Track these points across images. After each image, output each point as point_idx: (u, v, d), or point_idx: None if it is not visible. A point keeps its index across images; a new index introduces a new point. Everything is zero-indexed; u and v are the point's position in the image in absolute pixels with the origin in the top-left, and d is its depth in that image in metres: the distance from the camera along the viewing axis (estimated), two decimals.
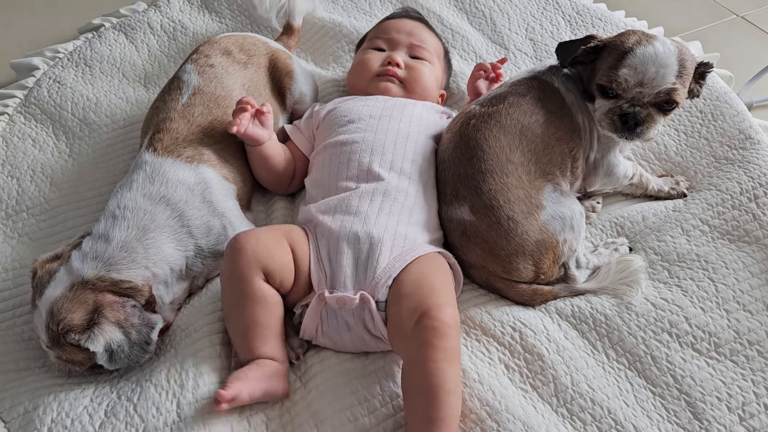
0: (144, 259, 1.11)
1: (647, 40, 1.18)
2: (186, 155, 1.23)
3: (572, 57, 1.24)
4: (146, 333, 1.08)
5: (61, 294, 1.06)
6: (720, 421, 1.03)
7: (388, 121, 1.30)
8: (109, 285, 1.08)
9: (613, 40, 1.22)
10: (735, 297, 1.17)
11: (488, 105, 1.25)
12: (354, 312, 1.08)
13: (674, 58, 1.17)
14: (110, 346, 1.05)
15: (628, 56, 1.17)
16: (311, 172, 1.31)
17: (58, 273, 1.08)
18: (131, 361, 1.08)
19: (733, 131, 1.45)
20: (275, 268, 1.08)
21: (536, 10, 1.84)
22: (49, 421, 1.02)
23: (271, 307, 1.08)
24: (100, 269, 1.08)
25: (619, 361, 1.11)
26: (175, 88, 1.34)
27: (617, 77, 1.18)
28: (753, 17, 2.04)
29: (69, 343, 1.04)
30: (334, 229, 1.13)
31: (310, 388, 1.08)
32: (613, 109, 1.22)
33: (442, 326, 0.99)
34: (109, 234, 1.12)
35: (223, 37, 1.49)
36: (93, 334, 1.04)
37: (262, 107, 1.28)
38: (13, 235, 1.34)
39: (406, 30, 1.50)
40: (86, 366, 1.08)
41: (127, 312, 1.07)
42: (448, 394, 0.97)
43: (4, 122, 1.57)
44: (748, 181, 1.34)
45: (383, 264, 1.10)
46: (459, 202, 1.19)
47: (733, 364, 1.10)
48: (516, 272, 1.17)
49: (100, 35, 1.80)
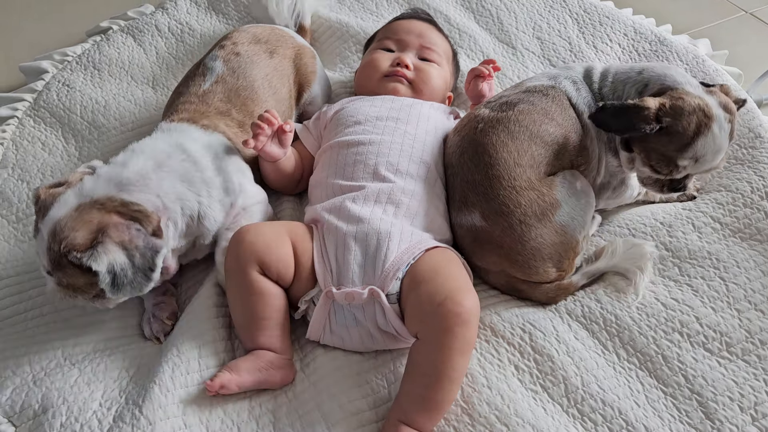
0: (157, 188, 1.11)
1: (706, 125, 1.12)
2: (202, 123, 1.26)
3: (628, 133, 1.16)
4: (150, 258, 1.06)
5: (65, 214, 1.05)
6: (732, 421, 1.03)
7: (395, 122, 1.30)
8: (118, 206, 1.07)
9: (673, 123, 1.12)
10: (746, 296, 1.16)
11: (498, 110, 1.23)
12: (364, 307, 1.08)
13: (727, 138, 1.15)
14: (113, 268, 1.03)
15: (689, 148, 1.12)
16: (316, 172, 1.32)
17: (64, 195, 1.07)
18: (134, 288, 1.05)
19: (742, 130, 1.44)
20: (271, 261, 1.10)
21: (543, 9, 1.83)
22: (59, 425, 1.03)
23: (269, 298, 1.10)
24: (111, 189, 1.08)
25: (630, 361, 1.10)
26: (200, 74, 1.37)
27: (677, 167, 1.15)
28: (762, 14, 2.03)
29: (71, 263, 1.02)
30: (341, 227, 1.14)
31: (321, 389, 1.08)
32: (662, 180, 1.20)
33: (465, 312, 1.00)
34: (127, 162, 1.13)
35: (253, 26, 1.52)
36: (96, 252, 1.02)
37: (285, 125, 1.26)
38: (24, 239, 1.35)
39: (416, 31, 1.50)
40: (89, 294, 1.06)
41: (131, 234, 1.05)
42: (451, 383, 1.00)
43: (14, 126, 1.58)
44: (758, 180, 1.33)
45: (391, 257, 1.10)
46: (468, 209, 1.18)
47: (745, 363, 1.09)
48: (537, 275, 1.17)
49: (108, 38, 1.81)
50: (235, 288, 1.12)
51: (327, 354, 1.13)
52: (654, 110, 1.12)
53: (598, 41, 1.73)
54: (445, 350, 0.99)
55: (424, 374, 1.00)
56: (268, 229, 1.14)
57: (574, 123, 1.23)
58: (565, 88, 1.26)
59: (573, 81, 1.27)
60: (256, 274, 1.09)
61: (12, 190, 1.43)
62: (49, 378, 1.10)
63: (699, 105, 1.12)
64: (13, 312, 1.22)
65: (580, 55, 1.70)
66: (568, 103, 1.25)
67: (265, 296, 1.10)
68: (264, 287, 1.10)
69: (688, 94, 1.14)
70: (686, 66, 1.62)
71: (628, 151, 1.22)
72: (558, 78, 1.28)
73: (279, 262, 1.11)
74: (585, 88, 1.27)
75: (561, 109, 1.23)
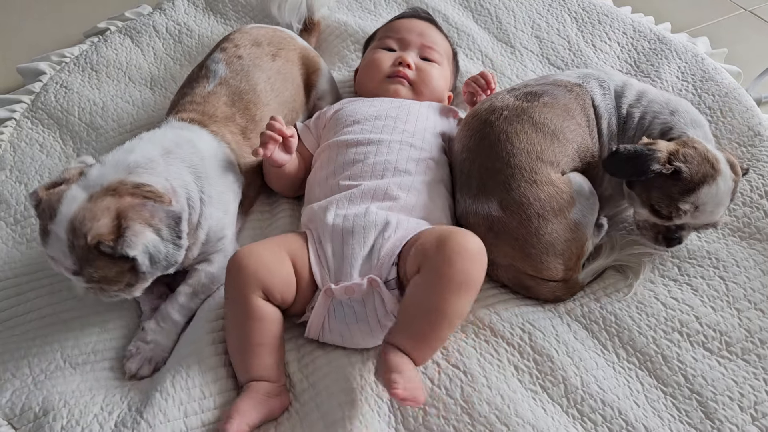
0: (165, 171, 1.11)
1: (713, 176, 1.12)
2: (212, 129, 1.26)
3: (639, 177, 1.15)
4: (175, 227, 1.05)
5: (79, 207, 1.02)
6: (732, 421, 1.03)
7: (393, 121, 1.30)
8: (130, 188, 1.05)
9: (682, 168, 1.12)
10: (746, 295, 1.17)
11: (523, 99, 1.22)
12: (364, 300, 1.08)
13: (729, 195, 1.15)
14: (147, 248, 1.01)
15: (692, 193, 1.13)
16: (314, 171, 1.31)
17: (70, 191, 1.04)
18: (168, 262, 1.04)
19: (742, 128, 1.44)
20: (275, 284, 1.08)
21: (542, 8, 1.83)
22: (59, 428, 1.02)
23: (268, 324, 1.08)
24: (120, 173, 1.07)
25: (630, 361, 1.10)
26: (203, 77, 1.36)
27: (678, 210, 1.14)
28: (761, 12, 2.02)
29: (103, 253, 1.00)
30: (337, 224, 1.14)
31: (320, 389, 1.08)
32: (658, 226, 1.19)
33: (471, 248, 1.00)
34: (134, 148, 1.13)
35: (254, 27, 1.51)
36: (127, 238, 1.00)
37: (288, 131, 1.25)
38: (22, 241, 1.34)
39: (417, 31, 1.50)
40: (121, 284, 1.05)
41: (150, 210, 1.03)
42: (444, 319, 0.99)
43: (12, 127, 1.58)
44: (758, 179, 1.33)
45: (387, 245, 1.10)
46: (487, 197, 1.18)
47: (745, 363, 1.09)
48: (546, 271, 1.17)
49: (106, 39, 1.80)
50: (233, 315, 1.09)
51: (326, 354, 1.13)
52: (666, 154, 1.13)
53: (597, 40, 1.73)
54: (444, 281, 0.98)
55: (418, 305, 0.99)
56: (265, 250, 1.11)
57: (591, 125, 1.24)
58: (592, 89, 1.26)
59: (601, 85, 1.27)
60: (258, 300, 1.07)
61: (10, 192, 1.43)
62: (50, 381, 1.10)
63: (709, 157, 1.13)
64: (11, 314, 1.22)
65: (579, 54, 1.70)
66: (591, 104, 1.25)
67: (264, 322, 1.07)
68: (265, 313, 1.07)
69: (700, 143, 1.16)
70: (685, 64, 1.62)
71: (630, 188, 1.22)
72: (588, 77, 1.28)
73: (282, 285, 1.09)
74: (611, 96, 1.27)
75: (582, 108, 1.24)
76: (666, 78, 1.59)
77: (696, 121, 1.23)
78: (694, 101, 1.52)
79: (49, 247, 1.03)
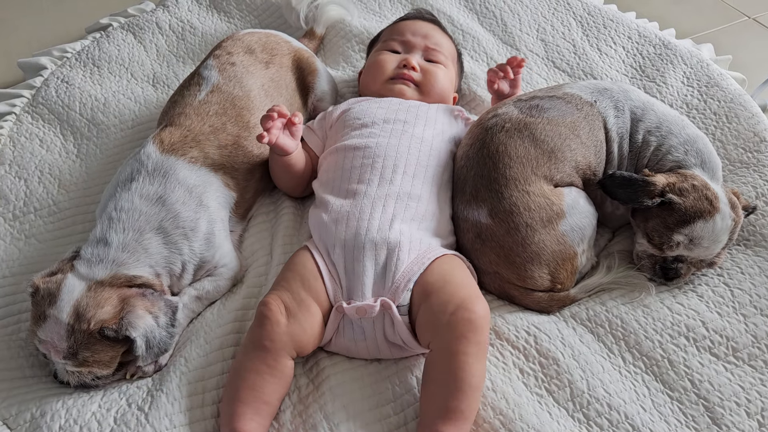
0: (146, 258, 1.12)
1: (710, 212, 1.14)
2: (191, 155, 1.22)
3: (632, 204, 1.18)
4: (171, 315, 1.09)
5: (81, 295, 1.05)
6: (739, 427, 1.02)
7: (402, 125, 1.28)
8: (125, 281, 1.09)
9: (681, 201, 1.15)
10: (752, 301, 1.16)
11: (527, 113, 1.22)
12: (374, 320, 1.07)
13: (727, 233, 1.16)
14: (145, 332, 1.05)
15: (686, 225, 1.14)
16: (321, 174, 1.30)
17: (67, 280, 1.07)
18: (160, 349, 1.07)
19: (747, 134, 1.44)
20: (309, 342, 1.06)
21: (547, 11, 1.83)
22: (57, 428, 1.01)
23: (284, 382, 1.04)
24: (110, 269, 1.09)
25: (636, 365, 1.10)
26: (195, 84, 1.34)
27: (670, 240, 1.15)
28: (765, 19, 2.03)
29: (104, 337, 1.03)
30: (349, 240, 1.12)
31: (323, 391, 1.07)
32: (656, 256, 1.19)
33: (478, 319, 1.01)
34: (107, 237, 1.12)
35: (246, 33, 1.49)
36: (128, 321, 1.04)
37: (294, 117, 1.24)
38: (21, 237, 1.33)
39: (422, 32, 1.49)
40: (111, 368, 1.06)
41: (151, 300, 1.08)
42: (473, 390, 0.98)
43: (12, 122, 1.56)
44: (763, 185, 1.33)
45: (402, 268, 1.09)
46: (478, 204, 1.18)
47: (752, 368, 1.08)
48: (531, 280, 1.16)
49: (108, 35, 1.79)
50: (250, 362, 1.03)
51: (330, 357, 1.12)
52: (660, 187, 1.16)
53: (602, 44, 1.72)
54: (461, 356, 0.98)
55: (443, 384, 0.98)
56: (294, 303, 1.06)
57: (598, 146, 1.24)
58: (605, 110, 1.26)
59: (616, 106, 1.27)
60: (287, 359, 1.04)
61: (9, 187, 1.41)
62: (47, 380, 1.09)
63: (707, 195, 1.15)
64: (7, 312, 1.21)
65: (584, 58, 1.69)
66: (602, 125, 1.25)
67: (283, 380, 1.03)
68: (286, 370, 1.04)
69: (700, 179, 1.17)
70: (691, 70, 1.61)
71: (632, 217, 1.23)
72: (603, 96, 1.27)
73: (315, 338, 1.07)
74: (625, 118, 1.26)
75: (590, 128, 1.23)
76: (671, 83, 1.59)
77: (707, 162, 1.23)
78: (699, 107, 1.52)
79: (42, 331, 1.04)
